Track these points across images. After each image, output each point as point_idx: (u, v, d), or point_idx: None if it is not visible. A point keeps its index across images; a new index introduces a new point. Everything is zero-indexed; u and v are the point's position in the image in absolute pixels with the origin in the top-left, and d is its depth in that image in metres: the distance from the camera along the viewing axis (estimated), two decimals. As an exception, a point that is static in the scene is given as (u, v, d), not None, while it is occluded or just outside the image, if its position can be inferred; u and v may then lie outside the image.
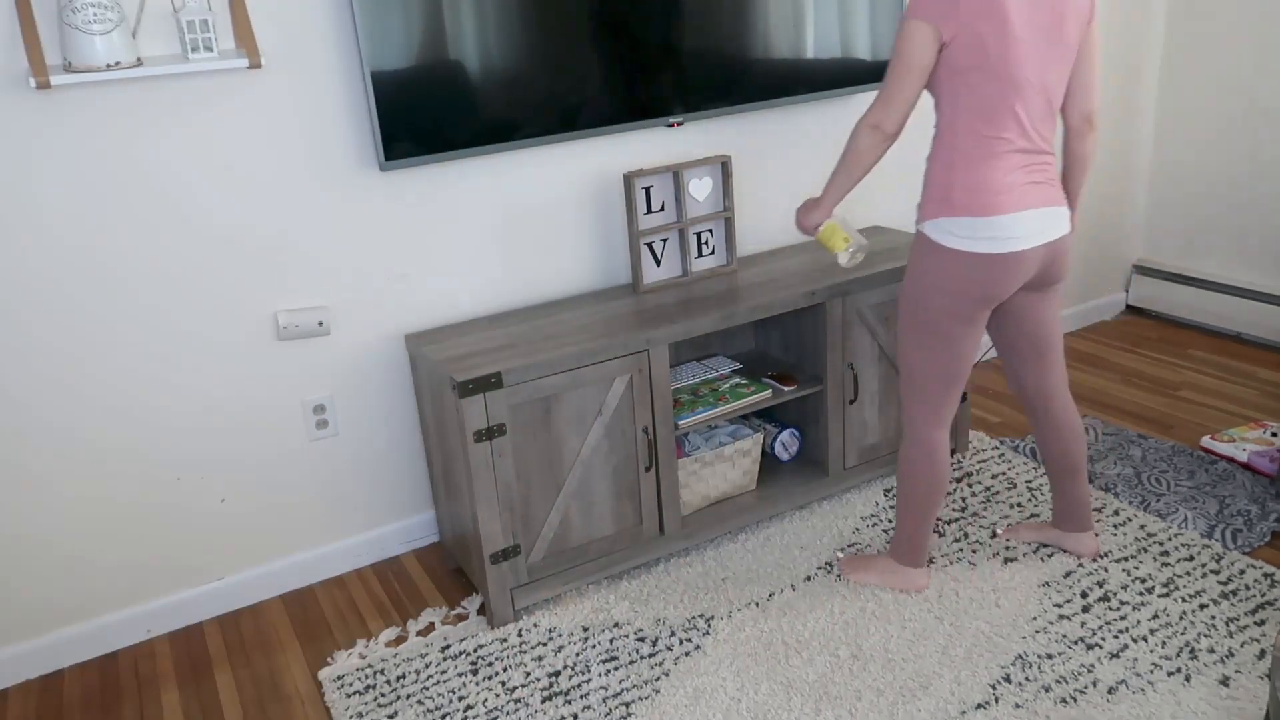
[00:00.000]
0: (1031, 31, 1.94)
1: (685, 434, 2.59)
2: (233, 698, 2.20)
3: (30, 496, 2.23)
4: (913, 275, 2.13)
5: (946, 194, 2.03)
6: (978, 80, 1.96)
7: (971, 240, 2.01)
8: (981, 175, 1.99)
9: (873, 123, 2.02)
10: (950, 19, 1.92)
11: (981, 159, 2.00)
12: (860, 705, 2.00)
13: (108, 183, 2.12)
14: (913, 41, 1.95)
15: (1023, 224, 2.00)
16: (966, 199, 2.00)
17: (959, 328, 2.10)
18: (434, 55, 2.28)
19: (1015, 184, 2.00)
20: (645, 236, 2.59)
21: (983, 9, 1.91)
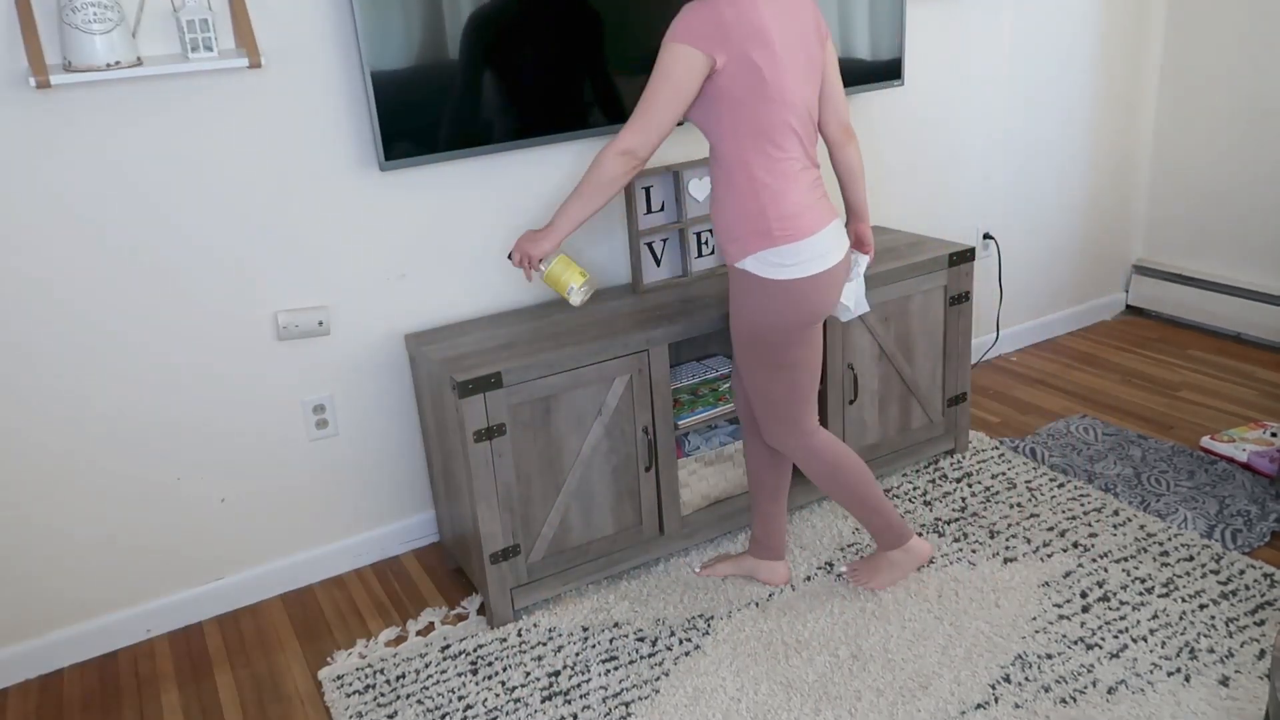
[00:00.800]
0: (791, 52, 1.97)
1: (685, 434, 2.59)
2: (232, 697, 2.20)
3: (30, 496, 2.23)
4: (744, 311, 2.10)
5: (762, 226, 2.00)
6: (758, 106, 1.96)
7: (795, 267, 2.02)
8: (789, 200, 2.01)
9: (625, 148, 1.96)
10: (722, 47, 1.90)
11: (782, 184, 2.01)
12: (860, 705, 2.00)
13: (107, 182, 2.12)
14: (680, 66, 1.91)
15: (828, 239, 2.04)
16: (783, 227, 2.00)
17: (803, 349, 2.12)
18: (434, 55, 2.28)
19: (811, 202, 2.03)
20: (645, 236, 2.59)
21: (752, 35, 1.91)
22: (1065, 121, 3.55)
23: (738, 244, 2.04)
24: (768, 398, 2.17)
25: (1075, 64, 3.50)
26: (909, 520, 2.63)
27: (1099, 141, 3.68)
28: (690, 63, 1.91)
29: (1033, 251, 3.64)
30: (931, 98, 3.20)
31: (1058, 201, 3.65)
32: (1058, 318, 3.82)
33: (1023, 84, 3.41)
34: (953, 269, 2.72)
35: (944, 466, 2.89)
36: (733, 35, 1.90)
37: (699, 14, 1.91)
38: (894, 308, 2.66)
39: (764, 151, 1.99)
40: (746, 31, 1.90)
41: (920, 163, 3.25)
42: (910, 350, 2.73)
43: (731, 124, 1.98)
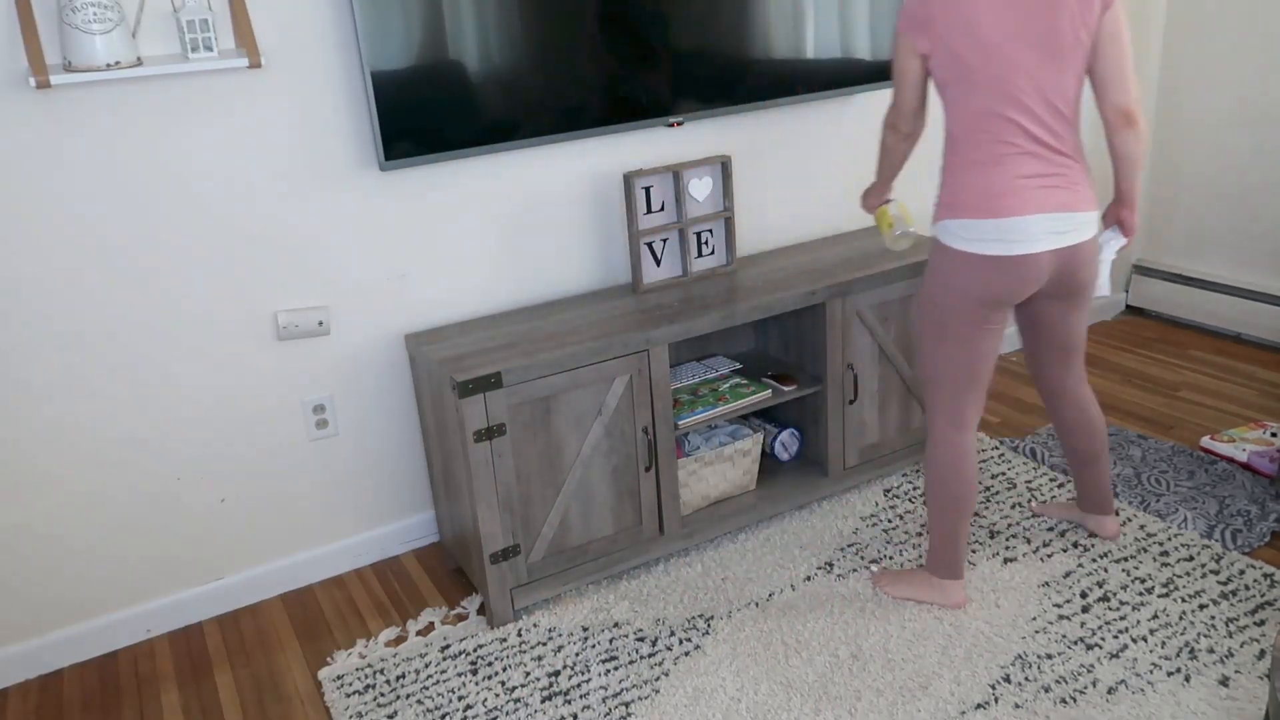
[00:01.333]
0: (1012, 39, 1.94)
1: (685, 434, 2.59)
2: (232, 697, 2.20)
3: (30, 496, 2.23)
4: (927, 275, 2.15)
5: (953, 197, 2.05)
6: (964, 90, 2.00)
7: (978, 242, 2.01)
8: (986, 178, 2.00)
9: (888, 122, 2.19)
10: (924, 34, 2.02)
11: (985, 162, 2.01)
12: (860, 705, 2.00)
13: (107, 182, 2.12)
14: (899, 52, 2.08)
15: (1029, 227, 1.98)
16: (972, 201, 2.01)
17: (969, 329, 2.10)
18: (434, 55, 2.28)
19: (1023, 187, 1.98)
20: (645, 236, 2.59)
21: (955, 23, 1.96)
22: (1065, 121, 3.55)
23: (937, 209, 2.11)
24: (927, 372, 2.19)
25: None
26: (911, 519, 2.63)
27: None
28: (904, 49, 2.07)
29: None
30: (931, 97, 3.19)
31: (1058, 201, 3.64)
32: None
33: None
34: (953, 269, 2.72)
35: (944, 466, 2.89)
36: (936, 23, 1.98)
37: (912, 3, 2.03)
38: (894, 308, 2.66)
39: (973, 133, 2.02)
40: (950, 20, 1.96)
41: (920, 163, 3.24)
42: (910, 350, 2.73)
43: (947, 101, 2.07)
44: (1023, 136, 1.99)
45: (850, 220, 3.15)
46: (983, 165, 2.01)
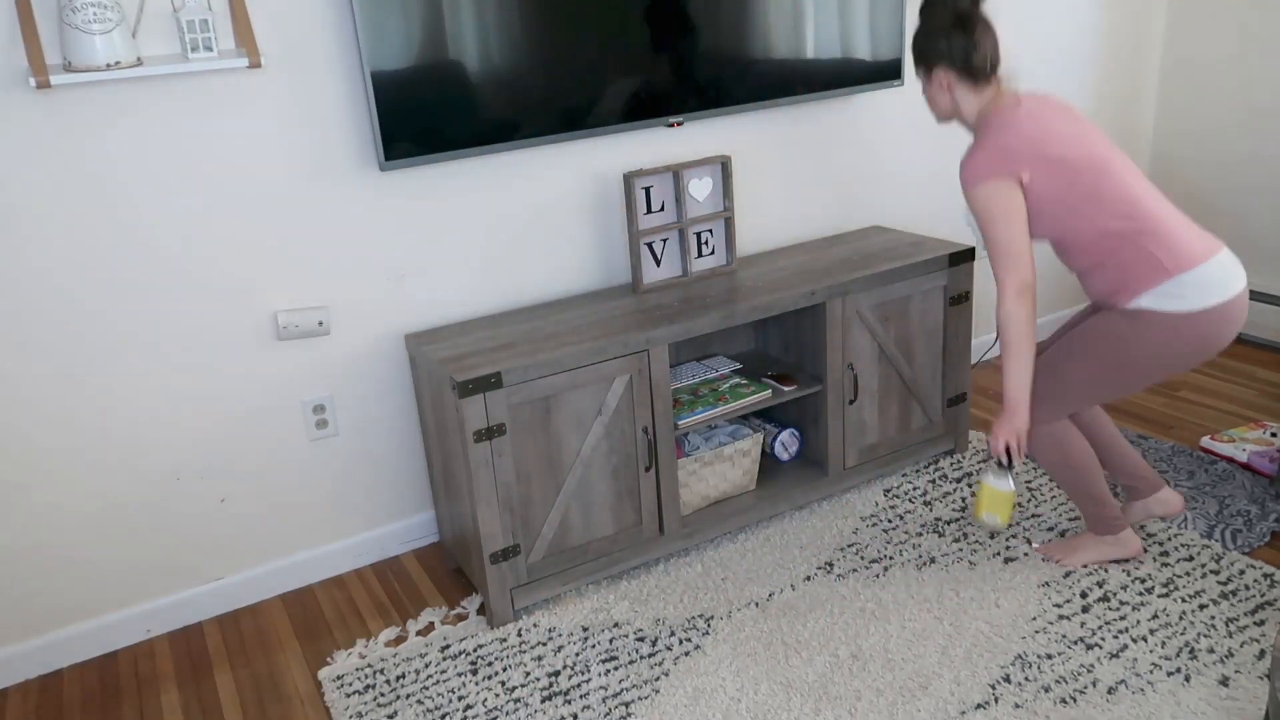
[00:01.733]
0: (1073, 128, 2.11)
1: (685, 434, 2.59)
2: (232, 697, 2.20)
3: (30, 496, 2.23)
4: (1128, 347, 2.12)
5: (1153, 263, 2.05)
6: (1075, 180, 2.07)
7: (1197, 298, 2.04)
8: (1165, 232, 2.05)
9: (1016, 288, 2.10)
10: (1018, 165, 2.06)
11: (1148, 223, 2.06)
12: (860, 705, 2.00)
13: (106, 183, 2.12)
14: (999, 198, 2.07)
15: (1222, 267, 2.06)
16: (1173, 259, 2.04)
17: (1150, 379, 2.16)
18: (434, 55, 2.28)
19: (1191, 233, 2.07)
20: (645, 236, 2.59)
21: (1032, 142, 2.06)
22: (1065, 121, 3.55)
23: (1130, 289, 2.09)
24: (1059, 381, 2.21)
25: (1075, 63, 3.50)
26: (911, 519, 2.63)
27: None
28: (1005, 191, 2.07)
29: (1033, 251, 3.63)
30: (931, 98, 3.20)
31: (1058, 201, 3.64)
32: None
33: (1022, 83, 3.41)
34: (953, 269, 2.72)
35: (944, 466, 2.89)
36: (1017, 156, 2.06)
37: (978, 155, 2.09)
38: (894, 308, 2.66)
39: (1114, 212, 2.07)
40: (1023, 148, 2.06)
41: (920, 163, 3.25)
42: (910, 350, 2.73)
43: (1070, 212, 2.09)
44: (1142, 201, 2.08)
45: (850, 220, 3.15)
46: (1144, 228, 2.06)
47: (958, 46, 2.13)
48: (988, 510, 2.13)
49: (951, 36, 2.13)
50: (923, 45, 2.17)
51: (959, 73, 2.15)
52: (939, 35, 2.13)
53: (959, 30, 2.13)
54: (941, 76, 2.16)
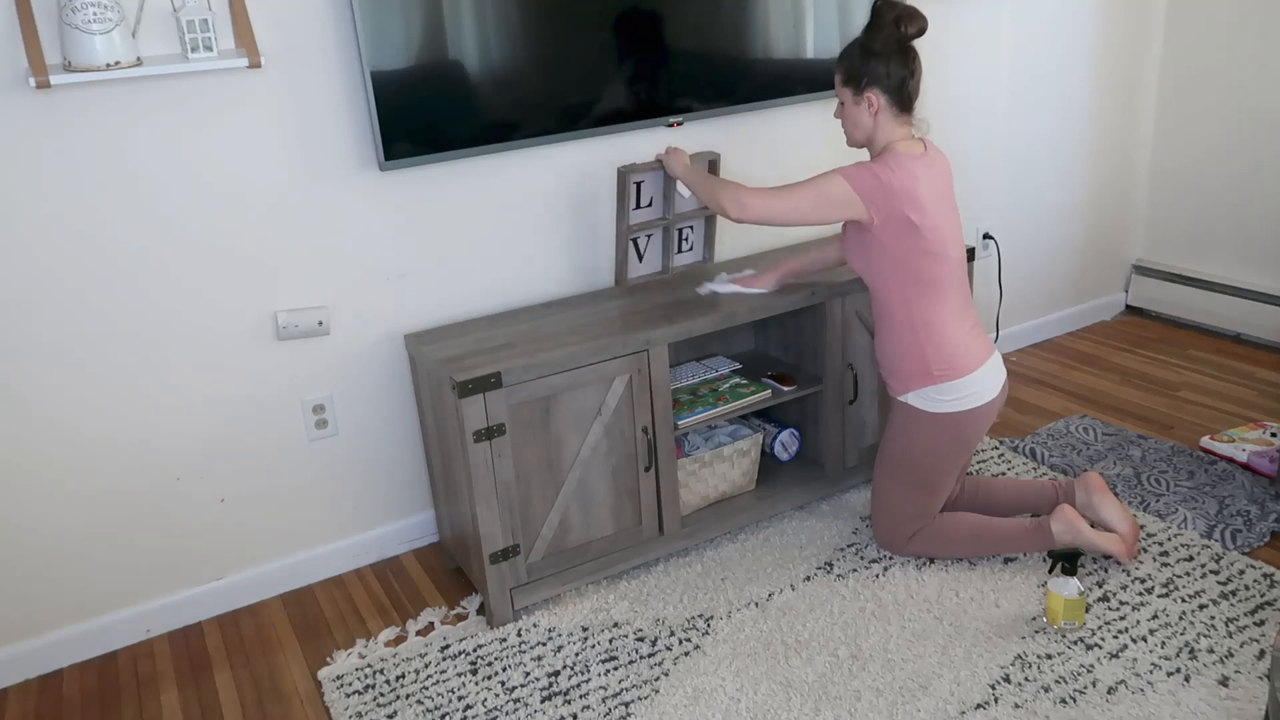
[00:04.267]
0: (940, 206, 2.19)
1: (685, 434, 2.59)
2: (232, 697, 2.20)
3: (30, 496, 2.23)
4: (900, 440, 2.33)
5: (923, 366, 2.23)
6: (918, 259, 2.18)
7: (956, 401, 2.24)
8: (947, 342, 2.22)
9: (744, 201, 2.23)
10: (881, 206, 2.15)
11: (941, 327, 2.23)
12: (860, 705, 2.00)
13: (107, 182, 2.12)
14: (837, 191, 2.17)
15: (985, 376, 2.25)
16: (942, 367, 2.22)
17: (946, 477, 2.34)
18: (434, 55, 2.28)
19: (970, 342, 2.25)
20: (634, 232, 2.58)
21: (907, 198, 2.14)
22: (1065, 121, 3.55)
23: (900, 380, 2.29)
24: (892, 507, 2.37)
25: (1075, 63, 3.50)
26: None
27: (1099, 141, 3.68)
28: (846, 198, 2.16)
29: (1033, 251, 3.64)
30: (931, 97, 3.20)
31: (1058, 201, 3.65)
32: (1057, 318, 3.82)
33: (1022, 83, 3.41)
34: (952, 269, 2.72)
35: (944, 466, 2.89)
36: (893, 197, 2.13)
37: (867, 169, 2.16)
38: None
39: (921, 291, 2.21)
40: (902, 194, 2.13)
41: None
42: (910, 350, 2.73)
43: (893, 274, 2.21)
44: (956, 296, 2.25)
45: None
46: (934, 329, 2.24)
47: (896, 72, 2.16)
48: (1066, 619, 2.15)
49: (892, 61, 2.15)
50: (860, 65, 2.18)
51: (891, 98, 2.18)
52: (881, 58, 2.15)
53: (900, 56, 2.16)
54: (874, 98, 2.18)
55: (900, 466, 2.34)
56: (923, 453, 2.30)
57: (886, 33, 2.15)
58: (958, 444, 2.30)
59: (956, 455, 2.32)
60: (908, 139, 2.23)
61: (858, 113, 2.21)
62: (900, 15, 2.15)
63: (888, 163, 2.16)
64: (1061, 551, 2.15)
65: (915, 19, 2.16)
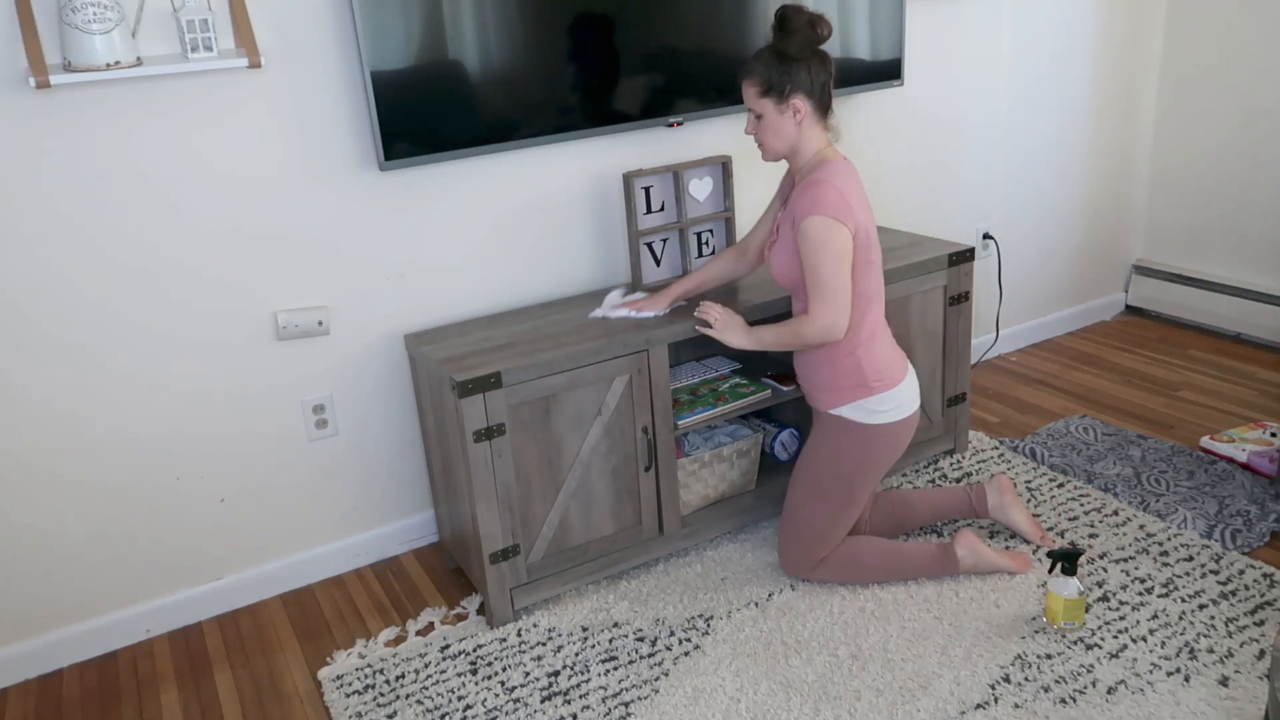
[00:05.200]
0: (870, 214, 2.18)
1: (685, 434, 2.59)
2: (232, 697, 2.20)
3: (30, 496, 2.23)
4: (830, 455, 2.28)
5: (859, 378, 2.20)
6: (865, 272, 2.16)
7: (891, 412, 2.22)
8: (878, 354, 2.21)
9: (824, 324, 2.12)
10: (852, 219, 2.10)
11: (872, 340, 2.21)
12: (860, 705, 2.00)
13: (107, 182, 2.12)
14: (842, 238, 2.09)
15: (911, 387, 2.26)
16: (879, 377, 2.20)
17: (866, 489, 2.31)
18: (434, 55, 2.28)
19: (896, 355, 2.26)
20: (645, 236, 2.59)
21: (862, 207, 2.13)
22: (1065, 121, 3.55)
23: (834, 394, 2.23)
24: (804, 528, 2.33)
25: (1075, 63, 3.50)
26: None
27: (1099, 141, 3.68)
28: (842, 233, 2.09)
29: (1033, 251, 3.64)
30: (931, 97, 3.20)
31: (1058, 201, 3.65)
32: (1057, 318, 3.82)
33: (1022, 83, 3.41)
34: (952, 269, 2.72)
35: (944, 466, 2.89)
36: (855, 208, 2.11)
37: (826, 190, 2.09)
38: (894, 308, 2.66)
39: (861, 309, 2.17)
40: (856, 207, 2.11)
41: (920, 163, 3.25)
42: (910, 350, 2.73)
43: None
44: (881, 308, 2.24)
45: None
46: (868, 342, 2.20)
47: (818, 74, 2.11)
48: (1066, 619, 2.14)
49: (812, 65, 2.10)
50: (779, 74, 2.09)
51: (815, 104, 2.13)
52: (799, 60, 2.09)
53: (818, 61, 2.11)
54: (799, 105, 2.11)
55: (823, 484, 2.28)
56: (851, 467, 2.25)
57: (802, 36, 2.09)
58: (886, 456, 2.27)
59: (880, 469, 2.29)
60: (829, 145, 2.19)
61: (782, 122, 2.13)
62: (812, 18, 2.09)
63: (835, 180, 2.10)
64: (1062, 551, 2.15)
65: (825, 21, 2.11)
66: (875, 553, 2.34)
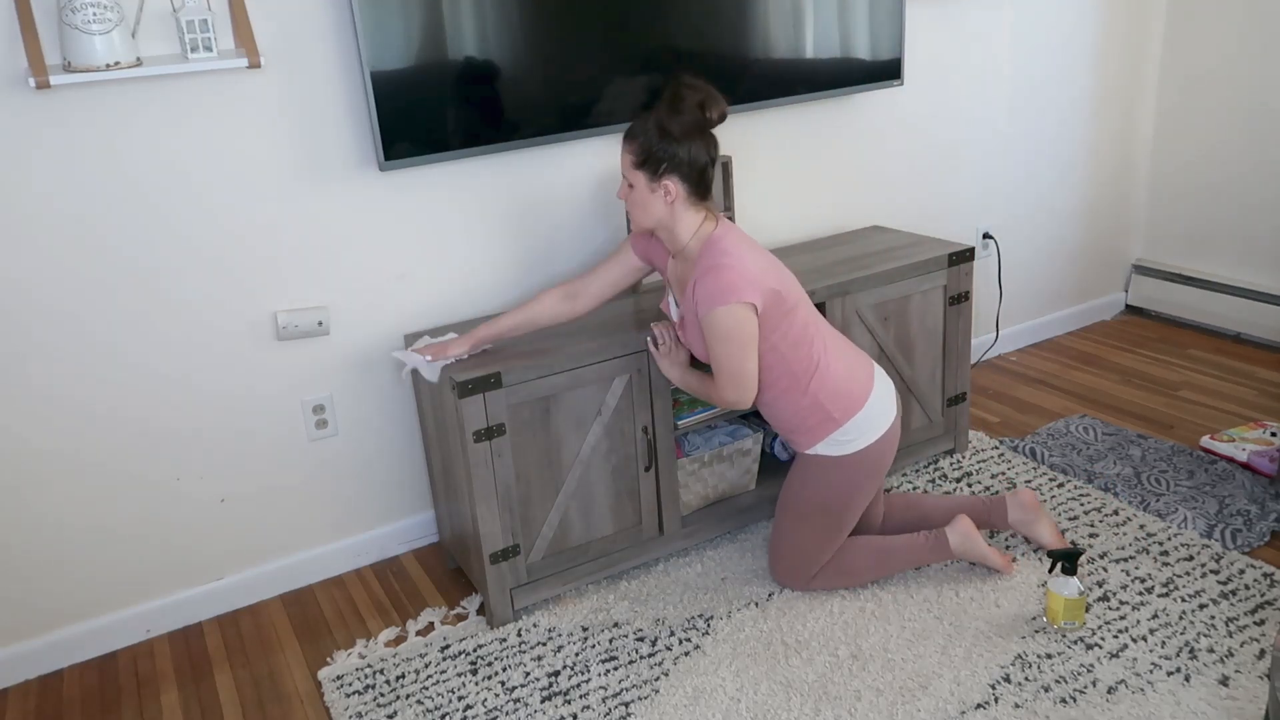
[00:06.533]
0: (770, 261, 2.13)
1: (684, 434, 2.59)
2: (232, 697, 2.20)
3: (30, 497, 2.23)
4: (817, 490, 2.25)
5: (820, 414, 2.17)
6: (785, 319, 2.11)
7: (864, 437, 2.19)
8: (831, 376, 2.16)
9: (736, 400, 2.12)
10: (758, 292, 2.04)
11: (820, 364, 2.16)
12: (860, 705, 2.00)
13: (106, 183, 2.12)
14: (749, 325, 2.05)
15: (880, 397, 2.21)
16: (839, 406, 2.17)
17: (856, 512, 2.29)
18: (434, 55, 2.28)
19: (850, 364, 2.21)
20: (645, 236, 2.59)
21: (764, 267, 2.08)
22: (1065, 121, 3.55)
23: (805, 435, 2.21)
24: (796, 550, 2.31)
25: (1075, 63, 3.50)
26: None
27: (1099, 141, 3.68)
28: (749, 316, 2.04)
29: (1032, 251, 3.64)
30: (931, 97, 3.20)
31: (1058, 201, 3.65)
32: (1057, 317, 3.82)
33: (1022, 83, 3.41)
34: (952, 269, 2.72)
35: (944, 466, 2.89)
36: (758, 276, 2.05)
37: (723, 275, 2.02)
38: (894, 308, 2.66)
39: (801, 352, 2.14)
40: (757, 264, 2.06)
41: (920, 163, 3.25)
42: (910, 350, 2.73)
43: (769, 350, 2.12)
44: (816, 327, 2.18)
45: (850, 220, 3.15)
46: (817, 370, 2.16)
47: (698, 158, 2.02)
48: (1066, 619, 2.14)
49: (693, 147, 2.01)
50: (658, 148, 2.00)
51: (689, 187, 2.05)
52: (680, 141, 2.00)
53: (701, 142, 2.02)
54: (670, 185, 2.03)
55: (812, 515, 2.26)
56: (838, 498, 2.23)
57: (689, 117, 2.00)
58: (872, 478, 2.24)
59: (869, 490, 2.26)
60: (706, 218, 2.10)
61: (651, 199, 2.05)
62: (705, 100, 2.01)
63: (727, 259, 2.03)
64: (1062, 551, 2.15)
65: (718, 103, 2.02)
66: (864, 554, 2.33)
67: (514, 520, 2.26)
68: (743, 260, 2.05)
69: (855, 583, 2.34)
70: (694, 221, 2.10)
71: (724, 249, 2.06)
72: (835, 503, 2.24)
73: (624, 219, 2.71)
